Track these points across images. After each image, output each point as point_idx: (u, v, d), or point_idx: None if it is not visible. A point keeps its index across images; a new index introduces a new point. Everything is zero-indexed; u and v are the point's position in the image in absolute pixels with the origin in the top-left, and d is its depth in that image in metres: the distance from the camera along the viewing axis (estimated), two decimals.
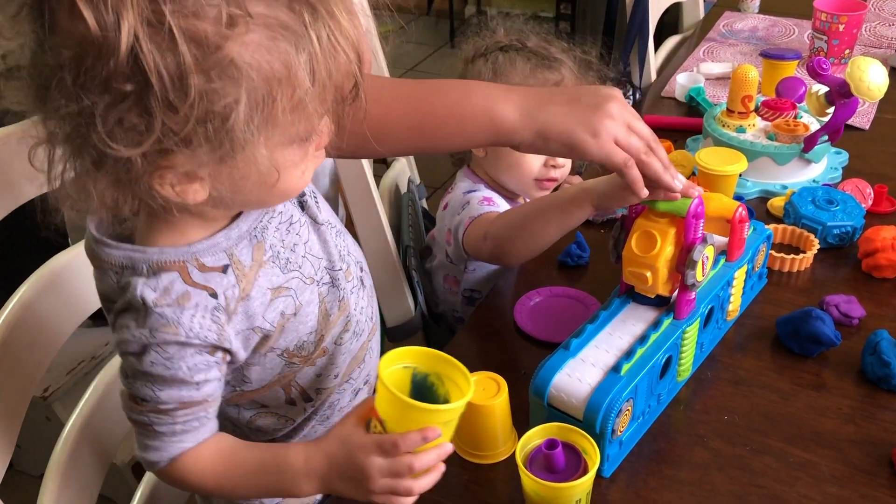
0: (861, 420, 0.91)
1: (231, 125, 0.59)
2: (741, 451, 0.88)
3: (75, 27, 0.56)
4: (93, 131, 0.57)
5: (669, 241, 0.88)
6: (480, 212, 1.15)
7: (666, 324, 0.91)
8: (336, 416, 0.92)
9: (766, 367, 0.99)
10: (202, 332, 0.70)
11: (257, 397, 0.85)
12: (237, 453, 0.77)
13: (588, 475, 0.77)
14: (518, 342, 1.06)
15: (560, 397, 0.85)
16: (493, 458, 0.89)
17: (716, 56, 1.87)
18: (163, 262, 0.70)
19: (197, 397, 0.73)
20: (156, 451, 0.74)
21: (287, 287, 0.78)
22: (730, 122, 1.36)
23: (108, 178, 0.62)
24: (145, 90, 0.56)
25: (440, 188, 2.82)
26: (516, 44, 1.20)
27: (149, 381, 0.71)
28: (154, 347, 0.70)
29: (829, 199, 1.21)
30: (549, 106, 0.86)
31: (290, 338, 0.80)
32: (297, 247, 0.80)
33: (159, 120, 0.57)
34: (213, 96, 0.58)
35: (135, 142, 0.58)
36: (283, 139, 0.65)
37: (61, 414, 1.72)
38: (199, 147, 0.60)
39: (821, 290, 1.09)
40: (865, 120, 1.55)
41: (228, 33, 0.57)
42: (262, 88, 0.59)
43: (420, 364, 0.74)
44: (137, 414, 0.73)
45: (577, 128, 0.84)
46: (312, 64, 0.61)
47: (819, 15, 1.72)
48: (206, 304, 0.71)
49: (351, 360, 0.89)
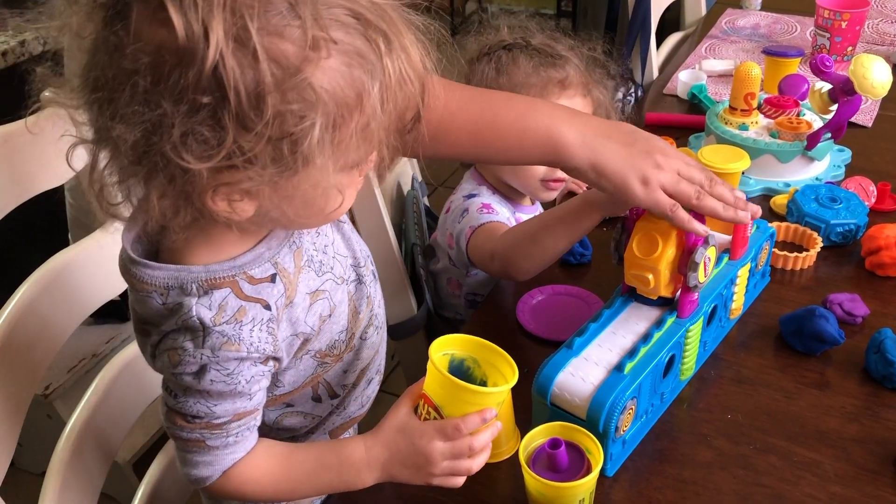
0: (865, 419, 0.91)
1: (303, 148, 0.58)
2: (745, 450, 0.88)
3: (156, 33, 0.55)
4: (164, 139, 0.56)
5: (671, 244, 0.87)
6: (480, 221, 1.14)
7: (669, 322, 0.91)
8: (352, 406, 0.92)
9: (770, 365, 0.99)
10: (261, 346, 0.70)
11: (287, 399, 0.85)
12: (293, 456, 0.78)
13: (591, 474, 0.77)
14: (520, 340, 1.06)
15: (563, 396, 0.85)
16: (496, 457, 0.88)
17: (718, 53, 1.86)
18: (213, 280, 0.69)
19: (249, 407, 0.73)
20: (208, 466, 0.74)
21: (323, 290, 0.78)
22: (732, 120, 1.36)
23: (166, 187, 0.60)
24: (221, 105, 0.56)
25: (441, 185, 2.82)
26: (520, 42, 1.19)
27: (203, 398, 0.71)
28: (214, 366, 0.69)
29: (832, 196, 1.21)
30: (607, 142, 0.87)
31: (324, 339, 0.81)
32: (328, 248, 0.81)
33: (231, 136, 0.56)
34: (288, 118, 0.57)
35: (205, 155, 0.57)
36: (342, 165, 0.64)
37: (63, 412, 1.72)
38: (266, 167, 0.59)
39: (824, 289, 1.09)
40: (868, 117, 1.54)
41: (310, 56, 0.57)
42: (335, 113, 0.59)
43: (459, 349, 0.77)
44: (188, 432, 0.72)
45: (630, 172, 0.86)
46: (383, 93, 0.61)
47: (822, 12, 1.71)
48: (261, 318, 0.71)
49: (373, 353, 0.90)
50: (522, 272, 1.06)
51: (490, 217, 1.15)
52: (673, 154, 0.88)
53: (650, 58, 1.92)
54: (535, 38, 1.20)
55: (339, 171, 0.64)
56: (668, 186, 0.86)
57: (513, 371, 0.76)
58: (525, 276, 1.07)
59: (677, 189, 0.86)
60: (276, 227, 0.73)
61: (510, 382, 0.75)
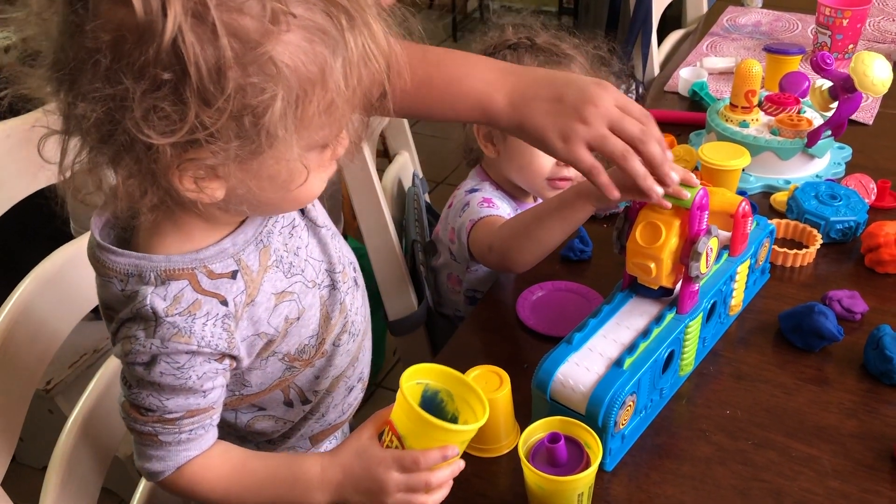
0: (863, 415, 0.91)
1: (265, 122, 0.58)
2: (743, 446, 0.88)
3: (116, 11, 0.56)
4: (127, 116, 0.57)
5: (674, 233, 0.88)
6: (480, 214, 1.14)
7: (669, 318, 0.91)
8: (332, 414, 0.92)
9: (769, 361, 0.99)
10: (213, 341, 0.70)
11: (256, 401, 0.85)
12: (248, 463, 0.78)
13: (590, 469, 0.77)
14: (520, 336, 1.06)
15: (562, 391, 0.85)
16: (495, 451, 0.89)
17: (719, 51, 1.87)
18: (171, 270, 0.69)
19: (203, 405, 0.73)
20: (161, 461, 0.74)
21: (291, 292, 0.78)
22: (733, 117, 1.36)
23: (132, 167, 0.61)
24: (182, 80, 0.56)
25: (442, 182, 2.82)
26: (525, 41, 1.19)
27: (155, 391, 0.71)
28: (164, 357, 0.69)
29: (832, 194, 1.21)
30: (534, 102, 0.86)
31: (292, 342, 0.80)
32: (300, 250, 0.80)
33: (193, 111, 0.57)
34: (250, 92, 0.57)
35: (168, 130, 0.57)
36: (308, 143, 0.65)
37: (64, 407, 1.72)
38: (229, 141, 0.59)
39: (824, 286, 1.09)
40: (869, 115, 1.54)
41: (270, 29, 0.57)
42: (297, 88, 0.59)
43: (434, 381, 0.75)
44: (141, 424, 0.72)
45: (550, 129, 0.85)
46: (346, 69, 0.61)
47: (823, 9, 1.71)
48: (216, 312, 0.71)
49: (348, 361, 0.89)
50: (520, 264, 1.07)
51: (490, 211, 1.15)
52: (606, 104, 0.84)
53: (651, 55, 1.92)
54: (539, 38, 1.20)
55: (305, 149, 0.64)
56: (594, 142, 0.84)
57: (484, 410, 0.73)
58: (523, 269, 1.07)
59: (603, 147, 0.83)
60: (249, 212, 0.73)
61: (478, 422, 0.73)
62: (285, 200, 0.70)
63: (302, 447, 0.94)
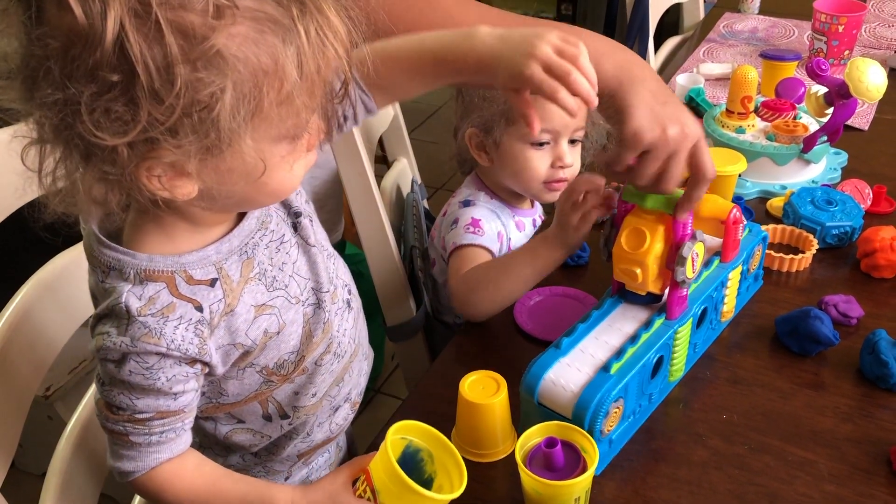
0: (859, 419, 0.92)
1: (216, 115, 0.59)
2: (740, 450, 0.89)
3: (63, 18, 0.56)
4: (78, 120, 0.57)
5: (659, 238, 0.88)
6: (463, 241, 1.14)
7: (657, 324, 0.91)
8: (316, 432, 0.92)
9: (765, 366, 1.00)
10: (183, 345, 0.70)
11: (234, 411, 0.85)
12: (221, 481, 0.78)
13: (587, 473, 0.78)
14: (518, 341, 1.06)
15: (550, 395, 0.86)
16: (492, 456, 0.89)
17: (716, 57, 1.87)
18: (151, 271, 0.70)
19: (174, 407, 0.73)
20: (131, 461, 0.74)
21: (271, 305, 0.78)
22: (729, 123, 1.37)
23: (95, 171, 0.62)
24: (131, 80, 0.56)
25: (441, 188, 2.83)
26: None
27: (126, 390, 0.71)
28: (133, 357, 0.69)
29: (828, 199, 1.21)
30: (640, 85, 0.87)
31: (270, 355, 0.80)
32: (286, 266, 0.80)
33: (145, 110, 0.57)
34: (199, 86, 0.58)
35: (120, 131, 0.58)
36: (272, 134, 0.65)
37: (63, 413, 1.72)
38: (185, 137, 0.59)
39: (820, 290, 1.10)
40: (864, 121, 1.55)
41: (215, 24, 0.58)
42: (249, 80, 0.60)
43: (419, 439, 0.75)
44: (113, 423, 0.73)
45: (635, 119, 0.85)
46: (300, 57, 0.61)
47: (819, 16, 1.72)
48: (190, 317, 0.71)
49: (331, 381, 0.89)
50: (477, 315, 1.08)
51: (473, 239, 1.14)
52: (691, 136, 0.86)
53: (648, 61, 1.93)
54: None
55: (268, 140, 0.65)
56: (653, 152, 0.85)
57: (461, 481, 0.73)
58: (479, 319, 1.08)
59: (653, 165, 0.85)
60: (228, 208, 0.73)
61: (453, 494, 0.72)
62: (262, 194, 0.70)
63: (288, 461, 0.94)
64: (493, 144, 1.19)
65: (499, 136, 1.17)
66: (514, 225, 1.25)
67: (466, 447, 0.89)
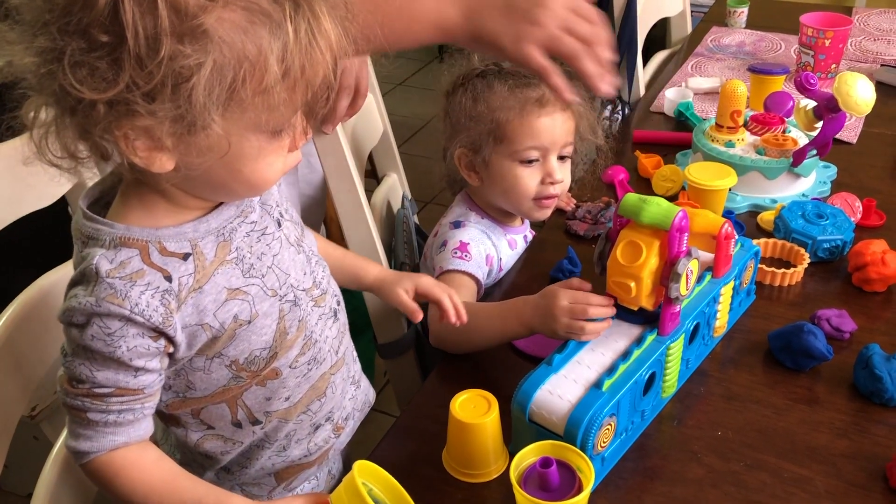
0: (854, 434, 0.91)
1: (191, 88, 0.61)
2: (735, 467, 0.88)
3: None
4: (62, 72, 0.61)
5: (654, 253, 0.88)
6: (449, 266, 1.14)
7: (650, 340, 0.91)
8: (293, 448, 0.90)
9: (759, 381, 0.99)
10: (147, 311, 0.71)
11: (203, 414, 0.84)
12: (179, 480, 0.77)
13: (583, 493, 0.77)
14: (510, 358, 1.06)
15: (541, 413, 0.85)
16: (484, 476, 0.88)
17: (704, 71, 1.88)
18: (126, 238, 0.72)
19: (133, 385, 0.73)
20: (87, 440, 0.74)
21: (245, 291, 0.78)
22: (719, 137, 1.37)
23: (76, 126, 0.65)
24: (119, 44, 0.60)
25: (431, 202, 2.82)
26: (493, 67, 1.19)
27: (87, 359, 0.71)
28: (97, 320, 0.70)
29: (818, 213, 1.21)
30: (486, 10, 0.89)
31: (241, 347, 0.80)
32: (265, 257, 0.81)
33: (127, 73, 0.60)
34: (180, 58, 0.60)
35: (100, 88, 0.61)
36: (248, 123, 0.66)
37: (49, 433, 1.70)
38: (160, 105, 0.62)
39: (812, 305, 1.10)
40: (853, 134, 1.56)
41: (208, 5, 0.61)
42: (231, 64, 0.62)
43: (382, 489, 0.75)
44: (72, 398, 0.73)
45: (504, 35, 0.88)
46: (285, 53, 0.63)
47: (805, 30, 1.73)
48: (158, 285, 0.72)
49: (309, 389, 0.88)
50: (448, 350, 1.08)
51: (459, 265, 1.14)
52: (555, 6, 0.87)
53: (637, 76, 1.93)
54: (506, 62, 1.21)
55: (246, 129, 0.67)
56: (547, 43, 0.87)
57: None
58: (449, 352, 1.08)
59: (558, 47, 0.87)
60: (205, 193, 0.75)
61: None
62: (237, 182, 0.72)
63: (266, 484, 0.92)
64: (483, 163, 1.18)
65: (488, 155, 1.17)
66: (507, 243, 1.24)
67: (458, 467, 0.89)
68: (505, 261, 1.23)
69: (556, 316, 0.92)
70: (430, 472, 0.90)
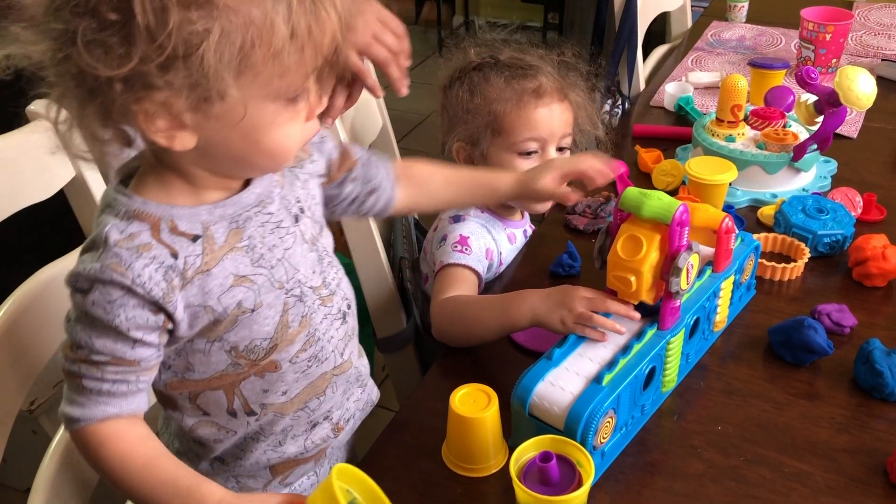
0: (855, 429, 0.91)
1: (202, 54, 0.62)
2: (735, 462, 0.88)
3: None
4: (76, 52, 0.62)
5: (655, 247, 0.88)
6: (449, 260, 1.13)
7: (650, 334, 0.91)
8: (289, 444, 0.90)
9: (759, 376, 0.99)
10: (148, 284, 0.71)
11: (201, 399, 0.84)
12: (161, 459, 0.77)
13: (583, 488, 0.77)
14: (509, 352, 1.05)
15: (541, 407, 0.85)
16: (484, 470, 0.88)
17: (704, 65, 1.88)
18: (140, 212, 0.73)
19: (129, 356, 0.74)
20: (80, 407, 0.75)
21: (251, 280, 0.79)
22: (719, 132, 1.37)
23: (96, 109, 0.66)
24: (129, 20, 0.61)
25: None
26: (489, 60, 1.19)
27: (87, 325, 0.72)
28: (99, 286, 0.71)
29: (819, 207, 1.21)
30: None
31: (242, 334, 0.80)
32: (276, 249, 0.81)
33: (140, 47, 0.62)
34: (188, 26, 0.62)
35: (114, 64, 0.62)
36: (264, 91, 0.68)
37: (48, 427, 1.70)
38: (175, 75, 0.63)
39: (812, 299, 1.09)
40: (854, 129, 1.55)
41: None
42: (238, 29, 0.63)
43: (361, 494, 0.74)
44: (71, 363, 0.74)
45: None
46: (291, 15, 0.64)
47: (806, 24, 1.73)
48: (162, 260, 0.73)
49: (307, 387, 0.88)
50: (451, 345, 1.08)
51: (460, 258, 1.13)
52: (369, 17, 0.94)
53: (637, 70, 1.93)
54: (503, 54, 1.20)
55: (263, 98, 0.68)
56: (361, 48, 0.94)
57: None
58: (451, 346, 1.08)
59: (369, 52, 0.95)
60: (226, 169, 0.76)
61: None
62: (258, 153, 0.73)
63: (262, 477, 0.92)
64: (481, 156, 1.18)
65: (486, 148, 1.17)
66: (506, 237, 1.24)
67: (458, 462, 0.88)
68: (504, 255, 1.23)
69: (573, 306, 0.92)
70: (430, 467, 0.89)
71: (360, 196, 0.97)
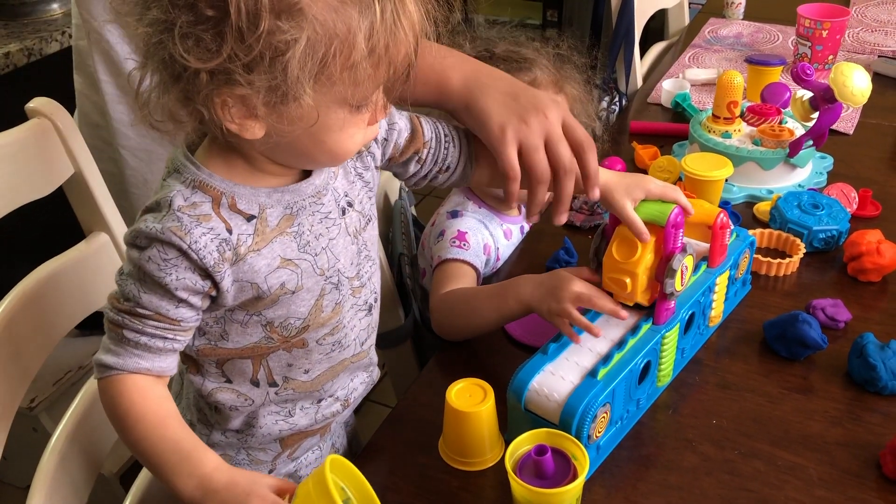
0: (848, 423, 0.92)
1: (286, 61, 0.65)
2: (730, 455, 0.88)
3: None
4: (171, 42, 0.66)
5: (649, 249, 0.88)
6: (448, 255, 1.14)
7: (644, 329, 0.91)
8: (302, 418, 0.92)
9: (754, 370, 1.00)
10: (203, 252, 0.74)
11: (228, 366, 0.86)
12: (171, 419, 0.78)
13: (578, 481, 0.77)
14: (506, 347, 1.06)
15: (537, 401, 0.86)
16: (480, 464, 0.89)
17: (701, 62, 1.88)
18: (205, 184, 0.76)
19: (172, 314, 0.76)
20: (115, 356, 0.76)
21: (296, 264, 0.82)
22: (715, 128, 1.37)
23: (178, 92, 0.69)
24: (223, 18, 0.65)
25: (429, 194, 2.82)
26: (484, 54, 1.19)
27: (139, 279, 0.75)
28: (157, 245, 0.74)
29: (814, 203, 1.22)
30: (489, 89, 0.93)
31: (279, 312, 0.83)
32: (321, 238, 0.84)
33: (229, 45, 0.65)
34: (277, 33, 0.65)
35: (204, 58, 0.66)
36: (335, 96, 0.71)
37: (48, 425, 1.70)
38: (257, 76, 0.66)
39: (807, 294, 1.10)
40: (849, 125, 1.56)
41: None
42: (323, 41, 0.66)
43: (354, 490, 0.74)
44: (116, 312, 0.76)
45: (495, 116, 0.91)
46: (372, 32, 0.68)
47: (803, 21, 1.73)
48: (218, 233, 0.76)
49: (328, 370, 0.91)
50: (451, 339, 1.09)
51: (458, 254, 1.14)
52: (552, 118, 0.90)
53: (634, 67, 1.93)
54: (498, 48, 1.21)
55: (332, 102, 0.71)
56: (523, 148, 0.90)
57: None
58: (453, 340, 1.09)
59: (529, 158, 0.90)
60: (289, 161, 0.79)
61: None
62: (320, 151, 0.76)
63: (272, 450, 0.94)
64: None
65: None
66: (503, 233, 1.24)
67: (454, 455, 0.89)
68: (502, 251, 1.23)
69: (561, 297, 0.92)
70: (427, 461, 0.90)
71: (430, 174, 0.99)
